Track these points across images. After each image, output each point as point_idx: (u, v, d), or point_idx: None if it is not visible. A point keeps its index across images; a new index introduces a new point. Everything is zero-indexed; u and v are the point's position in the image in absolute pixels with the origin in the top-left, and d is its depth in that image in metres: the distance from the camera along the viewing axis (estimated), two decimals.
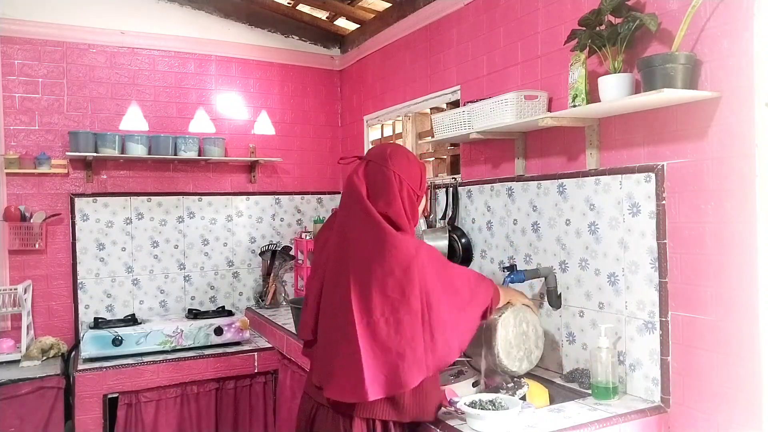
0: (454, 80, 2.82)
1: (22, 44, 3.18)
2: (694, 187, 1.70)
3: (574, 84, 1.93)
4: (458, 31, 2.79)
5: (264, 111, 3.83)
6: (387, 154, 1.68)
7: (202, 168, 3.63)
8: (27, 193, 3.19)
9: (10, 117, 3.16)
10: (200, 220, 3.62)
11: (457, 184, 2.77)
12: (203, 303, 3.63)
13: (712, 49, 1.64)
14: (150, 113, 3.50)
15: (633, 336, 1.89)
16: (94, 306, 3.33)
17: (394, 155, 1.67)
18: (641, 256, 1.86)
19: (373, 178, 1.65)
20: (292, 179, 3.94)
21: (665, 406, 1.78)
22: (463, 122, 2.42)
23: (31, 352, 2.94)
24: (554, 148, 2.23)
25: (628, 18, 1.75)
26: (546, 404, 1.89)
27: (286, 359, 3.01)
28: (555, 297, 2.16)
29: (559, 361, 2.19)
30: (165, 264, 3.53)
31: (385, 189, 1.63)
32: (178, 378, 2.91)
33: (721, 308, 1.63)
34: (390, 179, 1.63)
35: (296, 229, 3.93)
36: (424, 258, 1.57)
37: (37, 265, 3.20)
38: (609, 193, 1.97)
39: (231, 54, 3.71)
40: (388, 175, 1.63)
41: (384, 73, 3.51)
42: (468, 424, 1.66)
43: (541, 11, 2.27)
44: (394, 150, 1.71)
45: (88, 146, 3.17)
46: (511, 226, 2.45)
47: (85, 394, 2.72)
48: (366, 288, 1.55)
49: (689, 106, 1.71)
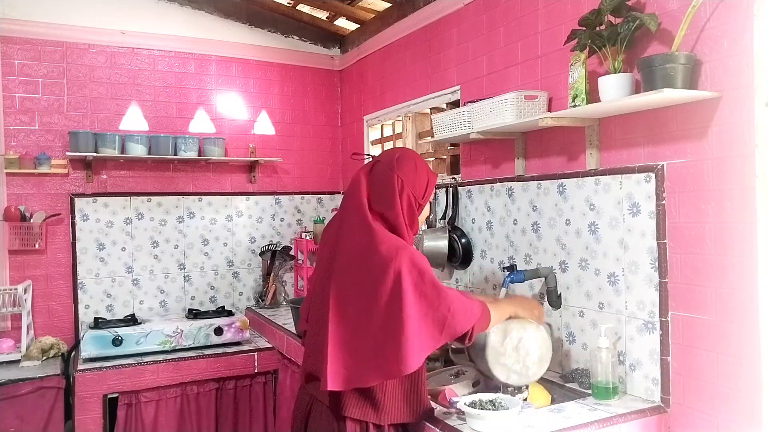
0: (454, 80, 2.82)
1: (22, 44, 3.18)
2: (694, 187, 1.70)
3: (574, 84, 1.93)
4: (458, 31, 2.79)
5: (264, 111, 3.83)
6: (395, 157, 1.68)
7: (202, 168, 3.63)
8: (27, 193, 3.19)
9: (10, 117, 3.16)
10: (200, 220, 3.63)
11: (457, 184, 2.77)
12: (203, 303, 3.63)
13: (712, 49, 1.64)
14: (150, 113, 3.50)
15: (633, 336, 1.89)
16: (94, 306, 3.33)
17: (401, 159, 1.67)
18: (641, 256, 1.86)
19: (376, 178, 1.66)
20: (292, 179, 3.94)
21: (665, 406, 1.78)
22: (463, 122, 2.42)
23: (31, 352, 2.94)
24: (554, 148, 2.23)
25: (628, 18, 1.75)
26: (547, 405, 1.89)
27: (286, 359, 3.01)
28: (555, 297, 2.16)
29: (559, 361, 2.19)
30: (165, 264, 3.53)
31: (385, 191, 1.63)
32: (178, 378, 2.91)
33: (721, 308, 1.63)
34: (392, 182, 1.63)
35: (296, 229, 3.93)
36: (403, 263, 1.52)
37: (37, 265, 3.21)
38: (609, 193, 1.97)
39: (231, 54, 3.71)
40: (391, 177, 1.63)
41: (384, 73, 3.51)
42: (468, 424, 1.66)
43: (541, 11, 2.27)
44: (403, 154, 1.70)
45: (88, 146, 3.17)
46: (511, 226, 2.45)
47: (85, 394, 2.72)
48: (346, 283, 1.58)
49: (689, 106, 1.71)
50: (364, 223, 1.60)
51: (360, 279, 1.57)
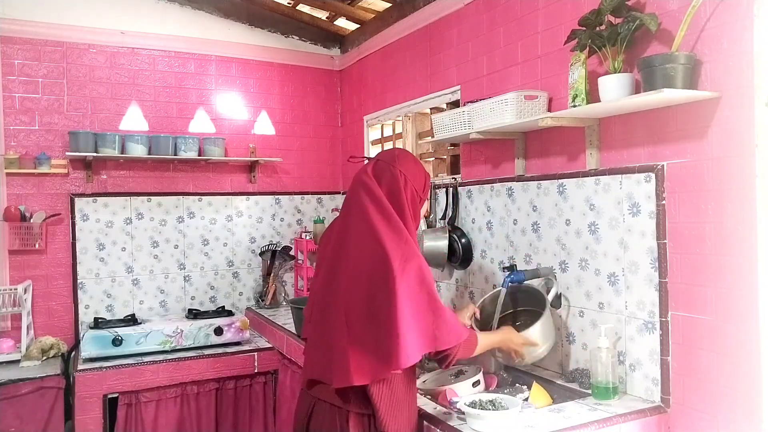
0: (454, 80, 2.82)
1: (22, 44, 3.18)
2: (694, 187, 1.70)
3: (574, 84, 1.93)
4: (458, 31, 2.79)
5: (264, 111, 3.83)
6: (395, 155, 1.80)
7: (202, 168, 3.63)
8: (27, 193, 3.19)
9: (10, 117, 3.16)
10: (200, 220, 3.63)
11: (457, 184, 2.77)
12: (203, 303, 3.63)
13: (712, 49, 1.64)
14: (150, 113, 3.50)
15: (633, 336, 1.89)
16: (94, 306, 3.33)
17: (401, 156, 1.79)
18: (641, 256, 1.86)
19: (381, 174, 1.73)
20: (292, 179, 3.94)
21: (665, 406, 1.78)
22: (463, 122, 2.42)
23: (31, 352, 2.94)
24: (554, 148, 2.23)
25: (628, 18, 1.75)
26: (547, 405, 1.89)
27: (286, 359, 3.01)
28: (555, 297, 2.16)
29: (559, 361, 2.19)
30: (165, 264, 3.53)
31: (391, 185, 1.71)
32: (178, 378, 2.91)
33: (721, 308, 1.63)
34: (396, 177, 1.71)
35: (296, 229, 3.93)
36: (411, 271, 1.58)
37: (37, 265, 3.20)
38: (609, 193, 1.97)
39: (231, 54, 3.71)
40: (394, 173, 1.72)
41: (384, 73, 3.51)
42: (468, 424, 1.66)
43: (541, 11, 2.27)
44: (401, 152, 1.83)
45: (88, 146, 3.17)
46: (511, 226, 2.45)
47: (85, 394, 2.72)
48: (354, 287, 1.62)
49: (689, 106, 1.71)
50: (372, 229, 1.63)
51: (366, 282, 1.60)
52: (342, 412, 1.64)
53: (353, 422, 1.62)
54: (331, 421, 1.65)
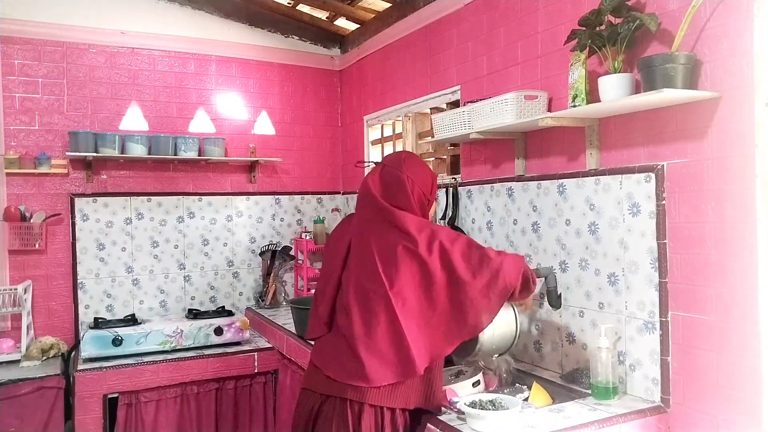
0: (454, 80, 2.82)
1: (22, 44, 3.18)
2: (694, 187, 1.70)
3: (574, 84, 1.93)
4: (458, 31, 2.79)
5: (264, 111, 3.83)
6: (401, 159, 1.82)
7: (202, 168, 3.63)
8: (27, 193, 3.19)
9: (10, 117, 3.16)
10: (200, 220, 3.62)
11: (457, 184, 2.77)
12: (203, 303, 3.63)
13: (712, 49, 1.64)
14: (150, 113, 3.50)
15: (633, 336, 1.90)
16: (94, 306, 3.33)
17: (407, 160, 1.81)
18: (641, 256, 1.86)
19: (388, 180, 1.77)
20: (292, 179, 3.94)
21: (665, 406, 1.78)
22: (463, 122, 2.42)
23: (31, 352, 2.94)
24: (554, 148, 2.23)
25: (628, 18, 1.75)
26: (547, 405, 1.89)
27: (286, 359, 3.01)
28: (555, 297, 2.15)
29: (559, 361, 2.19)
30: (165, 264, 3.53)
31: (399, 190, 1.75)
32: (178, 378, 2.91)
33: (721, 308, 1.63)
34: (403, 181, 1.75)
35: (296, 229, 3.93)
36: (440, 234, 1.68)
37: (37, 265, 3.20)
38: (609, 193, 1.97)
39: (231, 54, 3.71)
40: (401, 177, 1.75)
41: (384, 73, 3.51)
42: (468, 424, 1.66)
43: (541, 11, 2.27)
44: (408, 156, 1.86)
45: (88, 146, 3.17)
46: (511, 226, 2.45)
47: (85, 394, 2.72)
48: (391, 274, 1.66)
49: (689, 106, 1.71)
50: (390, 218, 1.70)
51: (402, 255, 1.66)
52: (354, 404, 1.64)
53: (366, 414, 1.63)
54: (342, 415, 1.65)
